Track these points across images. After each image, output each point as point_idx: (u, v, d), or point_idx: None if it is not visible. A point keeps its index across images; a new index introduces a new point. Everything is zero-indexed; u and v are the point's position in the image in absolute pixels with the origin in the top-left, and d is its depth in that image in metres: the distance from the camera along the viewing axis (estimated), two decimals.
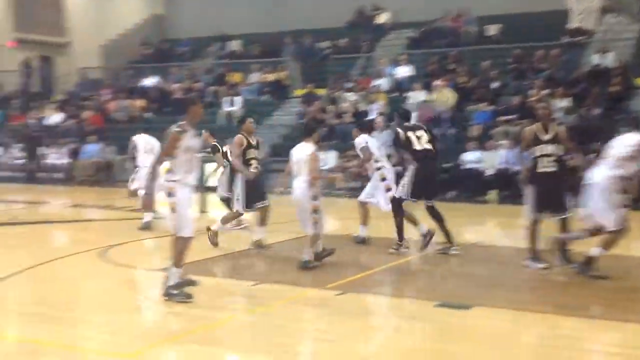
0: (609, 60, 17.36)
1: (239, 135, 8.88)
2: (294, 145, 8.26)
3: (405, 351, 4.80)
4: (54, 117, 22.48)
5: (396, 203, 8.60)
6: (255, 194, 8.80)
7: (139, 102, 22.38)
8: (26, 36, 25.68)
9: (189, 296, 6.05)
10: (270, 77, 22.08)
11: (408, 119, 8.98)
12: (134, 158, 11.35)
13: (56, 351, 4.91)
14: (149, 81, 23.60)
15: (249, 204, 8.79)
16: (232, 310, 6.01)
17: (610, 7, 17.63)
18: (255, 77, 22.33)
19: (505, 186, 15.21)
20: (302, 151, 7.62)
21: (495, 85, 18.06)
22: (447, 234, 8.52)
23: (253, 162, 8.84)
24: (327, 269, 7.86)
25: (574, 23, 9.75)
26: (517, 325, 5.56)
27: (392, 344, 4.98)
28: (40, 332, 5.32)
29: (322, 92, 20.44)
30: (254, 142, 8.93)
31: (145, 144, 11.38)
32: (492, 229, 12.17)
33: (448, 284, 7.08)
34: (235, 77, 22.49)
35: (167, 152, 6.17)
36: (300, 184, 7.55)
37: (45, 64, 26.60)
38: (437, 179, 8.78)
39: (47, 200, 16.13)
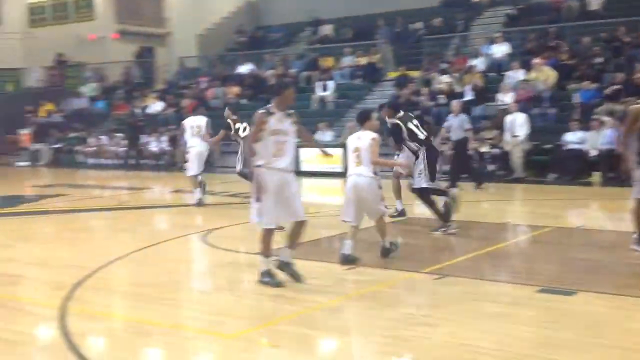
0: None
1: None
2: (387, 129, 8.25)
3: (510, 338, 4.70)
4: (155, 106, 23.33)
5: (424, 193, 8.67)
6: None
7: (234, 89, 22.85)
8: (128, 28, 26.74)
9: (279, 284, 6.07)
10: (363, 60, 21.98)
11: (399, 111, 8.96)
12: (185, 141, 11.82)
13: (163, 330, 5.11)
14: (244, 68, 24.04)
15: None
16: (330, 294, 6.05)
17: None
18: (347, 61, 22.30)
19: (610, 168, 14.55)
20: (362, 139, 7.20)
21: (598, 61, 17.24)
22: (439, 214, 8.58)
23: None
24: (418, 253, 7.80)
25: None
26: (623, 311, 5.32)
27: (496, 330, 4.87)
28: (147, 313, 5.56)
29: (415, 74, 20.17)
30: None
31: (191, 126, 11.64)
32: (596, 213, 11.68)
33: (549, 269, 6.85)
34: (328, 61, 22.54)
35: (254, 136, 6.14)
36: (364, 173, 7.09)
37: (147, 55, 27.62)
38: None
39: (150, 186, 16.81)
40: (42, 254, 8.10)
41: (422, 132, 8.60)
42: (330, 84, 20.88)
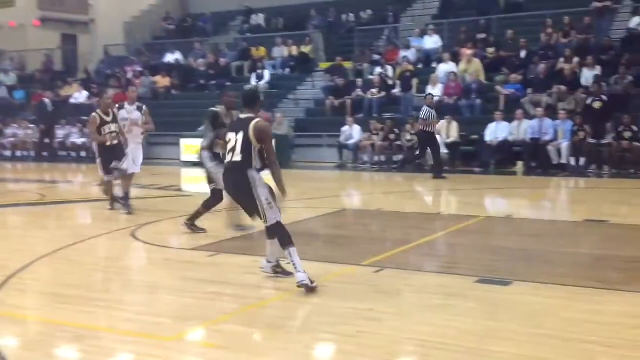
0: None
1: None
2: (318, 120, 8.03)
3: (454, 330, 4.69)
4: (78, 96, 22.52)
5: None
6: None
7: (163, 79, 22.34)
8: (50, 15, 25.71)
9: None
10: (295, 50, 21.86)
11: None
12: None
13: (96, 334, 4.87)
14: (172, 57, 23.52)
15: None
16: (269, 290, 5.93)
17: None
18: (279, 51, 22.13)
19: (532, 157, 15.01)
20: None
21: (524, 54, 17.68)
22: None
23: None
24: (360, 245, 7.79)
25: None
26: (560, 300, 5.42)
27: (440, 323, 4.86)
28: (77, 315, 5.29)
29: (348, 64, 20.20)
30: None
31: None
32: (522, 202, 11.96)
33: (485, 259, 6.94)
34: (260, 51, 22.31)
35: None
36: None
37: (68, 43, 26.66)
38: None
39: (72, 179, 16.24)
40: None
41: None
42: (266, 74, 20.66)
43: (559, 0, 19.34)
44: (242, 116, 5.95)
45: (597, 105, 14.80)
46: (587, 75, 16.00)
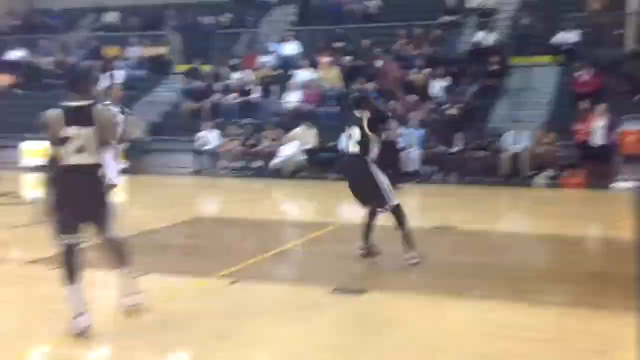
0: (490, 39, 17.89)
1: None
2: (175, 124, 7.83)
3: (311, 345, 4.62)
4: None
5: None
6: None
7: (6, 78, 20.87)
8: None
9: None
10: (151, 51, 21.17)
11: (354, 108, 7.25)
12: None
13: None
14: (16, 54, 22.01)
15: None
16: (117, 307, 5.57)
17: None
18: (134, 51, 21.33)
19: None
20: None
21: (379, 64, 18.18)
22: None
23: None
24: (215, 255, 7.58)
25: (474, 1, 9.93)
26: (411, 309, 5.51)
27: (297, 337, 4.78)
28: None
29: (207, 68, 19.84)
30: None
31: None
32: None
33: (339, 268, 6.96)
34: (113, 51, 21.37)
35: None
36: None
37: None
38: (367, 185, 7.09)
39: None
40: None
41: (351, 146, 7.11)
42: (120, 75, 19.81)
43: (411, 13, 20.12)
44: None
45: (449, 114, 15.40)
46: (437, 86, 16.74)
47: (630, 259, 6.89)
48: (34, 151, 15.29)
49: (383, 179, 7.07)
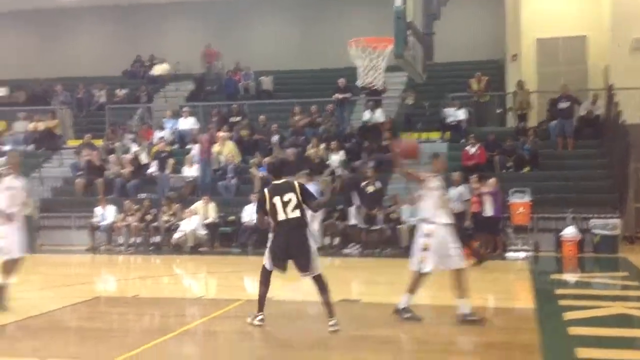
0: (378, 115, 18.65)
1: None
2: (67, 200, 7.68)
3: None
4: None
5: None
6: None
7: None
8: None
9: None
10: (40, 125, 20.55)
11: (280, 175, 7.52)
12: None
13: None
14: None
15: None
16: None
17: (397, 66, 18.94)
18: (21, 125, 20.63)
19: None
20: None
21: (275, 138, 18.48)
22: (328, 305, 7.37)
23: None
24: (113, 337, 7.28)
25: (361, 80, 10.43)
26: None
27: None
28: None
29: (99, 142, 19.44)
30: None
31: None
32: (282, 283, 12.13)
33: (250, 347, 6.83)
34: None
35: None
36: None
37: None
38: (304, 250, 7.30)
39: None
40: None
41: (287, 213, 7.21)
42: (6, 150, 19.00)
43: (303, 91, 20.73)
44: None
45: (371, 189, 15.52)
46: (333, 159, 17.15)
47: (529, 327, 7.22)
48: None
49: (313, 245, 7.28)
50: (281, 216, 7.20)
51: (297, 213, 7.22)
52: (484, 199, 14.29)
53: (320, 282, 7.38)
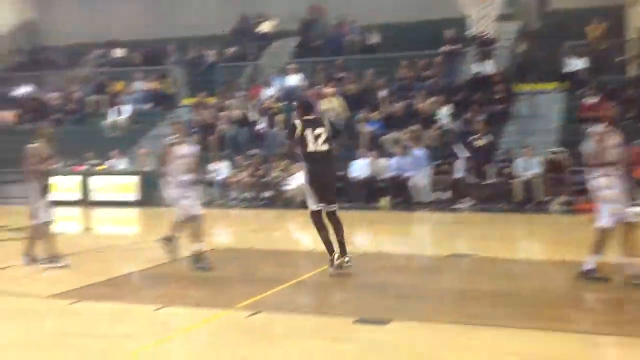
0: (488, 67, 18.04)
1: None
2: None
3: None
4: None
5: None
6: None
7: (10, 113, 21.01)
8: None
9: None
10: (155, 85, 21.35)
11: (311, 111, 8.17)
12: None
13: None
14: (22, 90, 22.18)
15: None
16: (138, 339, 5.56)
17: (508, 14, 18.26)
18: (138, 85, 21.51)
19: (397, 193, 15.48)
20: None
21: (382, 93, 18.31)
22: (342, 244, 7.95)
23: None
24: (232, 286, 7.57)
25: (473, 30, 10.06)
26: (435, 339, 5.48)
27: None
28: None
29: (211, 100, 20.00)
30: None
31: None
32: (391, 237, 12.23)
33: (363, 298, 6.94)
34: (118, 85, 21.57)
35: None
36: None
37: None
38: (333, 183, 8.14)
39: None
40: None
41: (317, 145, 7.72)
42: (126, 109, 19.99)
43: (412, 43, 20.30)
44: None
45: (480, 142, 15.29)
46: (442, 114, 16.84)
47: None
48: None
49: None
50: (311, 148, 7.71)
51: (326, 146, 7.74)
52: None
53: (337, 219, 7.91)
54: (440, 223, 13.88)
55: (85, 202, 17.09)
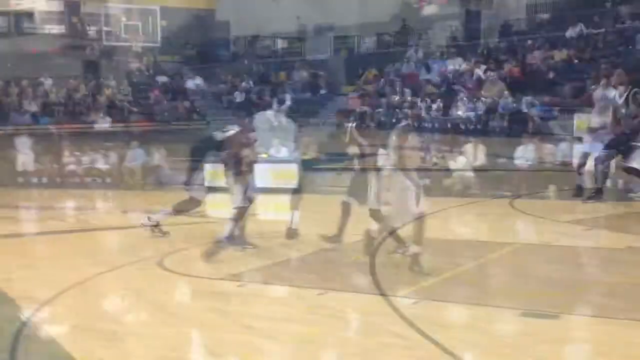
0: None
1: None
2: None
3: None
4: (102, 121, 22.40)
5: None
6: None
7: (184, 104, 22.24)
8: None
9: None
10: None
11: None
12: None
13: None
14: (192, 83, 23.57)
15: None
16: (301, 324, 5.69)
17: None
18: (298, 75, 22.12)
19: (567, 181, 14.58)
20: None
21: (551, 75, 17.41)
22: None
23: None
24: (389, 274, 7.51)
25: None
26: (621, 335, 5.11)
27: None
28: (109, 352, 5.09)
29: (369, 87, 20.09)
30: None
31: None
32: (557, 227, 11.53)
33: (528, 290, 6.64)
34: (280, 76, 22.34)
35: None
36: None
37: None
38: None
39: (94, 207, 16.09)
40: None
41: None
42: (288, 98, 20.52)
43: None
44: None
45: None
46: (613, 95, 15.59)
47: None
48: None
49: None
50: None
51: None
52: None
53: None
54: (615, 213, 12.88)
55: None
